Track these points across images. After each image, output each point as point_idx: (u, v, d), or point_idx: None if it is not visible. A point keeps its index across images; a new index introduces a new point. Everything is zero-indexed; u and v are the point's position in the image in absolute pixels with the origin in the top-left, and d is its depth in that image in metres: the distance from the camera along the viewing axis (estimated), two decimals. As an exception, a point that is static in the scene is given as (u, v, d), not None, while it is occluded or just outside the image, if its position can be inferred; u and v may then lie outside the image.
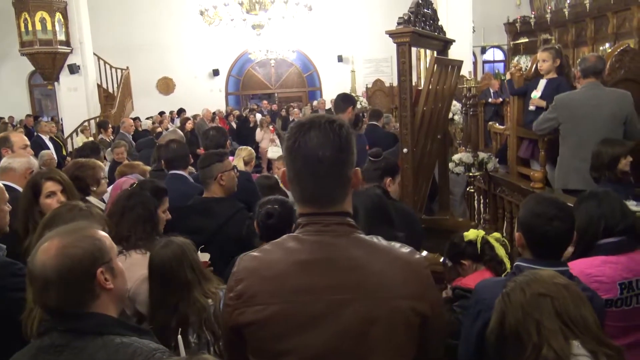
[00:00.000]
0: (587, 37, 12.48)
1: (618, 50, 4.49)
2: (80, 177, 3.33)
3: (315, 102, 14.23)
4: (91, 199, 3.37)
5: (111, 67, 14.32)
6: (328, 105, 13.93)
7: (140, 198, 2.46)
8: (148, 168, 3.90)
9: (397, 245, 1.34)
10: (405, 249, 1.33)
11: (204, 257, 2.43)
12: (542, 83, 4.44)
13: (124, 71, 14.51)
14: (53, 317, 1.41)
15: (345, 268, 1.25)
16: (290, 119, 12.70)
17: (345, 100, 4.48)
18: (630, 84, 4.38)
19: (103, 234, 1.50)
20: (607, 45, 11.56)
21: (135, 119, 11.93)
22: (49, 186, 2.63)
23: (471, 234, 2.47)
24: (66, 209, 2.14)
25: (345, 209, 1.32)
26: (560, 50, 4.51)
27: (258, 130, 11.81)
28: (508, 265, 2.44)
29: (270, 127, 11.84)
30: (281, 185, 3.84)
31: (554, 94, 4.28)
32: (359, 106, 10.22)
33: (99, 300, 1.43)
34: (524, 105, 4.63)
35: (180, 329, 1.86)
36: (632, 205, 3.30)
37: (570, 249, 2.09)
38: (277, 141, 11.17)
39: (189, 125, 9.80)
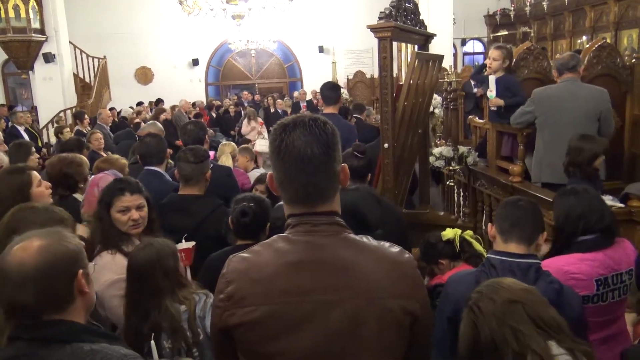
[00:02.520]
0: (565, 30, 12.61)
1: (596, 46, 4.54)
2: (69, 174, 3.25)
3: (295, 94, 14.12)
4: (77, 196, 3.29)
5: (88, 56, 14.01)
6: (309, 97, 13.89)
7: (99, 197, 2.43)
8: (126, 162, 3.80)
9: (386, 244, 1.34)
10: (395, 249, 1.33)
11: (189, 244, 2.38)
12: (492, 81, 4.49)
13: (101, 60, 14.21)
14: (19, 324, 1.35)
15: (334, 269, 1.24)
16: (272, 110, 12.59)
17: (334, 91, 4.41)
18: (608, 79, 4.44)
19: (76, 238, 1.47)
20: (584, 38, 11.71)
21: (113, 109, 11.72)
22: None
23: (449, 233, 2.48)
24: (31, 211, 2.07)
25: (335, 208, 1.31)
26: (511, 51, 4.57)
27: (245, 122, 11.64)
28: None
29: (259, 119, 11.68)
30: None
31: (506, 91, 4.37)
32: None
33: (74, 304, 1.39)
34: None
35: (153, 334, 1.82)
36: (607, 199, 3.36)
37: (545, 248, 2.11)
38: (265, 134, 11.03)
39: (162, 117, 9.68)
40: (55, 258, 1.35)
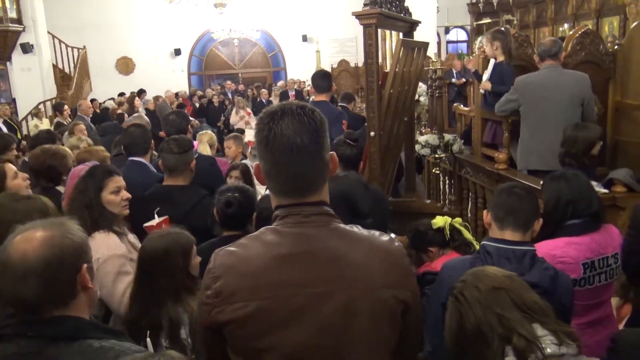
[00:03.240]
0: (547, 18, 12.68)
1: (579, 33, 4.56)
2: (53, 166, 3.19)
3: (280, 83, 14.02)
4: (60, 188, 3.23)
5: (67, 46, 13.77)
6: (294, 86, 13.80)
7: (80, 187, 2.36)
8: (108, 155, 3.74)
9: (376, 233, 1.32)
10: (385, 237, 1.31)
11: (162, 219, 2.35)
12: (491, 64, 4.54)
13: (80, 51, 13.97)
14: (21, 320, 1.29)
15: (326, 260, 1.22)
16: (258, 100, 12.49)
17: (325, 78, 4.43)
18: (591, 66, 4.46)
19: (81, 230, 1.41)
20: (566, 25, 11.78)
21: (94, 100, 11.54)
22: None
23: (439, 221, 2.48)
24: (10, 199, 2.02)
25: (324, 198, 1.29)
26: (497, 32, 4.57)
27: (233, 113, 11.54)
28: (477, 245, 2.48)
29: (247, 109, 11.59)
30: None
31: (498, 77, 4.40)
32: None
33: (76, 300, 1.34)
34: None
35: (149, 332, 1.76)
36: (594, 186, 3.39)
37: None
38: (253, 123, 10.96)
39: (137, 103, 9.65)
40: (60, 251, 1.29)
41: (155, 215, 2.39)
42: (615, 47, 4.62)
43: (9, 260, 1.26)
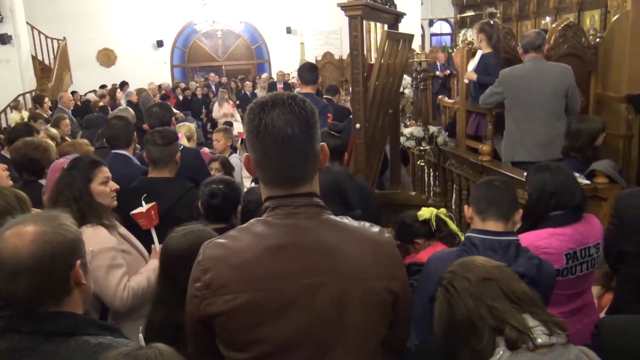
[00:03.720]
0: (529, 11, 12.78)
1: (562, 26, 4.60)
2: (35, 159, 3.14)
3: (264, 75, 13.93)
4: (43, 181, 3.18)
5: (46, 37, 13.51)
6: (278, 79, 13.72)
7: (66, 179, 2.30)
8: (92, 148, 3.68)
9: (366, 225, 1.32)
10: (375, 229, 1.32)
11: (149, 206, 2.32)
12: (478, 55, 4.62)
13: (60, 42, 13.72)
14: (14, 316, 1.26)
15: (317, 251, 1.22)
16: (242, 93, 12.40)
17: (312, 72, 4.47)
18: (573, 59, 4.52)
19: (75, 223, 1.38)
20: (547, 19, 11.89)
21: (75, 92, 11.37)
22: None
23: (425, 213, 2.50)
24: None
25: (314, 189, 1.29)
26: (483, 24, 4.62)
27: (216, 106, 11.46)
28: (462, 236, 2.50)
29: (231, 102, 11.51)
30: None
31: (483, 69, 4.46)
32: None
33: (70, 296, 1.31)
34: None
35: (141, 328, 1.70)
36: (577, 177, 3.43)
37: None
38: (237, 116, 10.90)
39: (119, 95, 9.55)
40: (52, 248, 1.25)
41: (143, 203, 2.36)
42: (597, 40, 4.68)
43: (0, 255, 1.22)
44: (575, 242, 2.21)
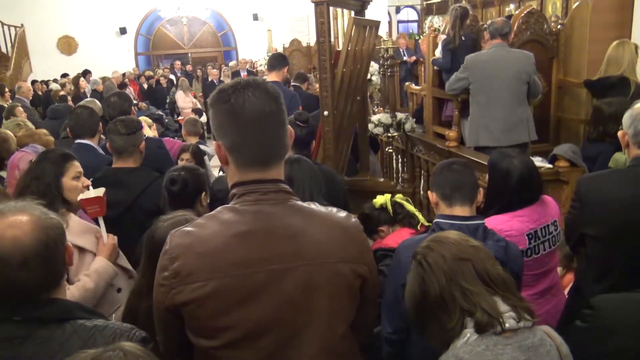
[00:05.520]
0: (494, -2, 12.92)
1: (524, 13, 4.68)
2: None
3: (232, 63, 13.75)
4: (4, 173, 3.08)
5: (3, 24, 13.01)
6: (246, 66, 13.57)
7: (35, 172, 2.19)
8: (52, 138, 3.55)
9: (334, 210, 1.34)
10: (342, 214, 1.34)
11: (98, 192, 2.21)
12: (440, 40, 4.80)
13: (18, 29, 13.25)
14: (3, 305, 1.23)
15: (284, 237, 1.23)
16: (209, 80, 12.20)
17: (280, 60, 4.49)
18: (536, 45, 4.62)
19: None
20: (511, 6, 12.05)
21: (36, 82, 11.01)
22: None
23: (380, 199, 2.53)
24: None
25: (281, 175, 1.30)
26: (452, 8, 4.71)
27: (179, 93, 11.27)
28: (420, 216, 2.55)
29: (192, 90, 11.36)
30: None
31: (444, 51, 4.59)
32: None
33: (63, 279, 1.32)
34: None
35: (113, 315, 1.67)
36: (537, 161, 3.52)
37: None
38: (199, 104, 10.79)
39: (82, 84, 9.33)
40: (52, 232, 1.26)
41: (90, 188, 2.27)
42: (559, 26, 4.78)
43: (1, 249, 1.20)
44: (535, 222, 2.28)
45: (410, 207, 2.59)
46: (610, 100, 3.42)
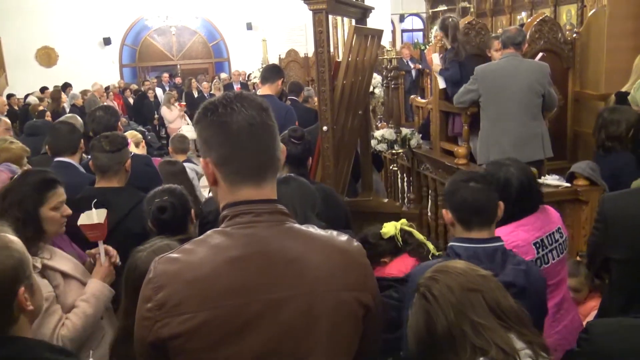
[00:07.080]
0: (504, 6, 13.08)
1: (537, 21, 4.74)
2: None
3: (224, 75, 13.86)
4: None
5: (-22, 35, 13.15)
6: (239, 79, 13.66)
7: (16, 196, 2.15)
8: (25, 151, 3.49)
9: (334, 233, 1.33)
10: (343, 237, 1.32)
11: (100, 214, 2.22)
12: (435, 58, 4.92)
13: (-7, 39, 13.38)
14: None
15: (280, 262, 1.21)
16: (197, 95, 12.29)
17: (274, 72, 4.56)
18: (549, 55, 4.66)
19: (18, 240, 1.33)
20: (523, 14, 12.20)
21: (12, 96, 11.06)
22: None
23: (390, 229, 2.45)
24: None
25: (275, 194, 1.30)
26: (441, 21, 4.77)
27: (164, 108, 11.35)
28: (430, 245, 2.51)
29: (177, 102, 11.43)
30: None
31: (443, 63, 4.69)
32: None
33: (16, 325, 1.28)
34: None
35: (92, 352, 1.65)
36: (554, 179, 3.54)
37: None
38: (187, 118, 10.85)
39: (64, 99, 9.43)
40: (3, 273, 1.22)
41: (93, 208, 2.27)
42: (574, 35, 4.84)
43: None
44: (540, 230, 2.30)
45: (419, 236, 2.53)
46: (615, 107, 3.49)
